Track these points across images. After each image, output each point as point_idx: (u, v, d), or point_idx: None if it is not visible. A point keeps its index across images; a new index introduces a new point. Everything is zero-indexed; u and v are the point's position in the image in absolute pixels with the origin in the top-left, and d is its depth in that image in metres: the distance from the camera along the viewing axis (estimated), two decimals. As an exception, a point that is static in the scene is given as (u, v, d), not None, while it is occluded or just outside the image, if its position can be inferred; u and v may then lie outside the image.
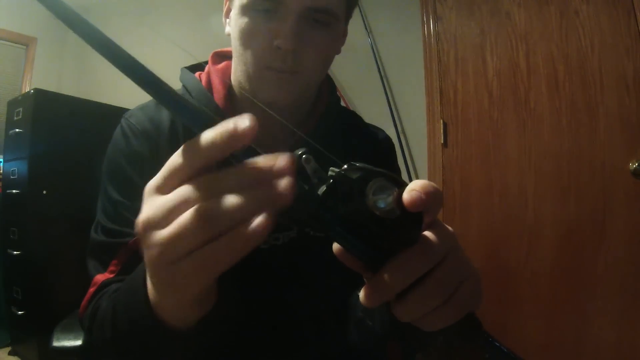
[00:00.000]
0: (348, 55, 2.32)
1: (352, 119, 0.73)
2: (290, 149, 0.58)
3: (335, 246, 0.29)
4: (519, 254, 1.64)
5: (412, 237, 0.28)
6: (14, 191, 1.74)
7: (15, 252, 1.69)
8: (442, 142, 1.86)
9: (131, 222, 0.53)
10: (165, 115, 0.58)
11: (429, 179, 1.90)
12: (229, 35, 0.57)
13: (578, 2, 1.54)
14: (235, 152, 0.25)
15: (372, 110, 2.08)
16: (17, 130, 1.76)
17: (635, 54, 1.42)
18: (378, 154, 0.70)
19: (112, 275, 0.52)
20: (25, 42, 3.26)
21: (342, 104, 2.06)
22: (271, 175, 0.24)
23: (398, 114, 2.00)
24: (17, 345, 1.88)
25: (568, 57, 1.57)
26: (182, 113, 0.26)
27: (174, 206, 0.25)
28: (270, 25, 0.50)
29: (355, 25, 2.10)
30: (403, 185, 0.27)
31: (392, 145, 0.75)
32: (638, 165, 1.40)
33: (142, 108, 0.60)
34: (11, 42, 3.19)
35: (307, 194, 0.26)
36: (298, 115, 0.62)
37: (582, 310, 1.49)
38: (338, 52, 0.61)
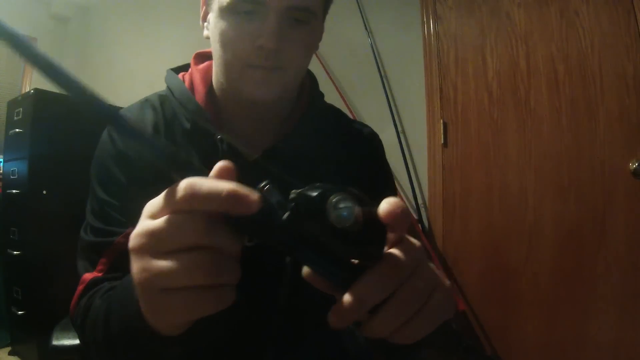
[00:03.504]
0: (348, 55, 2.33)
1: (336, 116, 0.72)
2: (269, 148, 0.59)
3: (305, 269, 0.29)
4: (519, 254, 1.64)
5: (376, 254, 0.28)
6: (14, 191, 1.74)
7: (15, 252, 1.69)
8: (442, 142, 1.86)
9: (119, 221, 0.55)
10: (148, 116, 0.60)
11: (429, 179, 1.90)
12: (207, 38, 0.59)
13: (578, 2, 1.54)
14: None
15: (372, 110, 2.08)
16: (17, 130, 1.76)
17: (635, 54, 1.42)
18: (364, 151, 0.69)
19: (100, 274, 0.53)
20: (25, 42, 3.26)
21: (342, 104, 2.07)
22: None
23: (398, 114, 2.00)
24: (17, 345, 1.88)
25: (568, 57, 1.57)
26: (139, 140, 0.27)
27: (180, 240, 0.26)
28: (251, 26, 0.51)
29: (355, 25, 2.10)
30: (363, 201, 0.27)
31: (379, 141, 0.73)
32: (638, 165, 1.40)
33: (128, 110, 0.62)
34: (11, 42, 3.19)
35: (272, 222, 0.27)
36: (280, 112, 0.63)
37: (582, 310, 1.49)
38: (317, 48, 0.62)
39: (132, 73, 2.93)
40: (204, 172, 0.27)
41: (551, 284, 1.57)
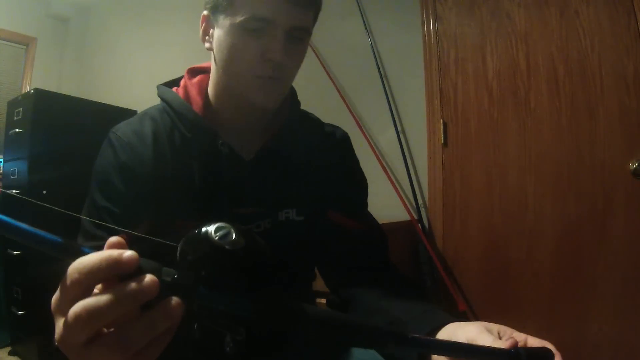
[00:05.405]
0: (348, 55, 2.33)
1: (313, 120, 0.80)
2: (262, 149, 0.67)
3: None
4: (519, 254, 1.64)
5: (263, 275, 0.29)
6: (13, 191, 1.74)
7: (15, 252, 1.69)
8: (442, 142, 1.86)
9: (114, 229, 0.55)
10: (148, 128, 0.64)
11: (429, 179, 1.90)
12: (209, 50, 0.65)
13: (578, 2, 1.54)
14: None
15: (372, 110, 2.08)
16: (17, 130, 1.76)
17: (635, 54, 1.42)
18: (337, 151, 0.78)
19: None
20: (25, 42, 3.26)
21: (342, 104, 2.07)
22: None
23: (398, 114, 2.00)
24: (17, 345, 1.88)
25: (568, 57, 1.56)
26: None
27: (79, 337, 0.27)
28: (261, 41, 0.58)
29: (355, 25, 2.10)
30: (235, 225, 0.29)
31: (349, 141, 0.81)
32: (638, 165, 1.40)
33: (127, 123, 0.66)
34: (11, 42, 3.19)
35: (172, 286, 0.27)
36: (267, 117, 0.69)
37: (582, 310, 1.49)
38: None
39: (131, 73, 2.93)
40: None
41: (551, 284, 1.57)
